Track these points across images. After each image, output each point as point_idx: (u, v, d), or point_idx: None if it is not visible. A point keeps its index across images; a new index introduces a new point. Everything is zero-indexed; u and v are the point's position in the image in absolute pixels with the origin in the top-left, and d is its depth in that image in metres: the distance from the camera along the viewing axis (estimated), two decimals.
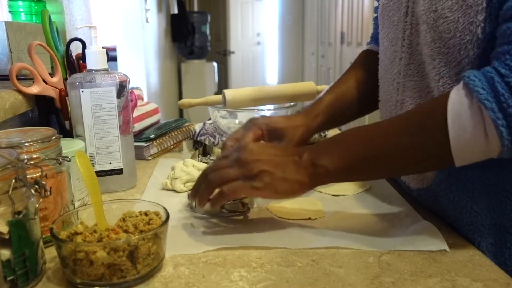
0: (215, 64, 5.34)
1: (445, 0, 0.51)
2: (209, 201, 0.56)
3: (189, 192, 0.66)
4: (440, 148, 0.48)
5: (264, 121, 0.68)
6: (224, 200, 0.55)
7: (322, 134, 1.06)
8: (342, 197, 0.71)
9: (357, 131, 0.55)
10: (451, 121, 0.46)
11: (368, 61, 0.79)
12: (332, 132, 1.16)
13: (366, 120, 2.83)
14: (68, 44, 0.88)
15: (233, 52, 6.38)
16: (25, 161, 0.50)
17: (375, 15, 0.79)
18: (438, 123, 0.47)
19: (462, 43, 0.50)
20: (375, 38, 0.81)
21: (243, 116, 1.07)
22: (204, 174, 0.57)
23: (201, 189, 0.56)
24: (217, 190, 0.55)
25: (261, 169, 0.53)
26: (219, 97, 1.06)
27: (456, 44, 0.51)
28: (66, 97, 0.83)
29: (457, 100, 0.46)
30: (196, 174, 0.76)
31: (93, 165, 0.73)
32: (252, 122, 0.68)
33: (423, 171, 0.59)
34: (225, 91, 1.04)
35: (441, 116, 0.47)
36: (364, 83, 0.77)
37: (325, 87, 1.11)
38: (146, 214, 0.52)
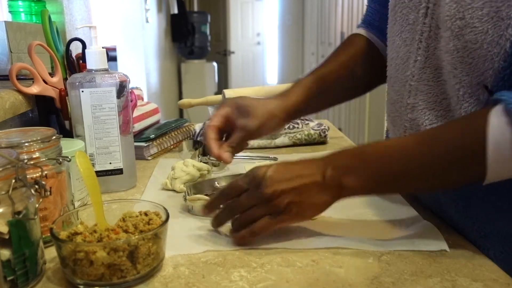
0: (215, 64, 5.34)
1: (475, 9, 0.48)
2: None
3: (185, 193, 0.66)
4: (473, 172, 0.47)
5: (235, 99, 0.69)
6: (254, 237, 0.54)
7: (322, 134, 1.06)
8: None
9: (385, 148, 0.53)
10: (491, 150, 0.45)
11: (356, 46, 0.77)
12: (334, 133, 1.16)
13: (367, 116, 2.83)
14: (68, 44, 0.88)
15: (233, 52, 6.37)
16: (25, 161, 0.50)
17: None
18: (475, 149, 0.46)
19: (489, 55, 0.48)
20: (367, 23, 0.78)
21: None
22: (229, 211, 0.56)
23: (234, 227, 0.56)
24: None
25: (287, 201, 0.52)
26: (219, 97, 1.07)
27: (482, 55, 0.49)
28: (66, 97, 0.83)
29: (498, 127, 0.44)
30: (196, 174, 0.76)
31: (93, 165, 0.73)
32: (225, 102, 0.69)
33: (449, 188, 0.58)
34: (225, 91, 1.04)
35: (479, 142, 0.45)
36: (350, 67, 0.75)
37: None
38: (146, 214, 0.52)
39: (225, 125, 0.68)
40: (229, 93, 1.03)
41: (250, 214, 0.53)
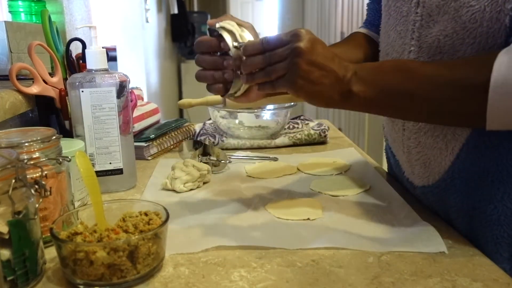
0: None
1: None
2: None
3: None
4: (474, 107, 0.48)
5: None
6: (264, 81, 0.56)
7: (322, 134, 1.06)
8: (342, 197, 0.71)
9: (399, 66, 0.54)
10: (494, 84, 0.45)
11: (359, 40, 0.79)
12: (334, 133, 1.16)
13: (366, 116, 2.83)
14: (68, 44, 0.88)
15: None
16: (25, 161, 0.50)
17: (368, 1, 0.80)
18: (479, 83, 0.46)
19: (490, 32, 0.49)
20: (368, 22, 0.81)
21: (243, 116, 1.07)
22: (266, 61, 0.55)
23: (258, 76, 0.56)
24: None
25: (306, 68, 0.52)
26: (219, 97, 1.06)
27: (483, 33, 0.49)
28: (66, 97, 0.83)
29: (506, 62, 0.45)
30: (196, 174, 0.76)
31: (93, 165, 0.73)
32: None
33: (451, 125, 0.57)
34: None
35: (484, 74, 0.46)
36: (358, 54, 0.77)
37: None
38: (146, 214, 0.52)
39: None
40: None
41: (272, 68, 0.54)
